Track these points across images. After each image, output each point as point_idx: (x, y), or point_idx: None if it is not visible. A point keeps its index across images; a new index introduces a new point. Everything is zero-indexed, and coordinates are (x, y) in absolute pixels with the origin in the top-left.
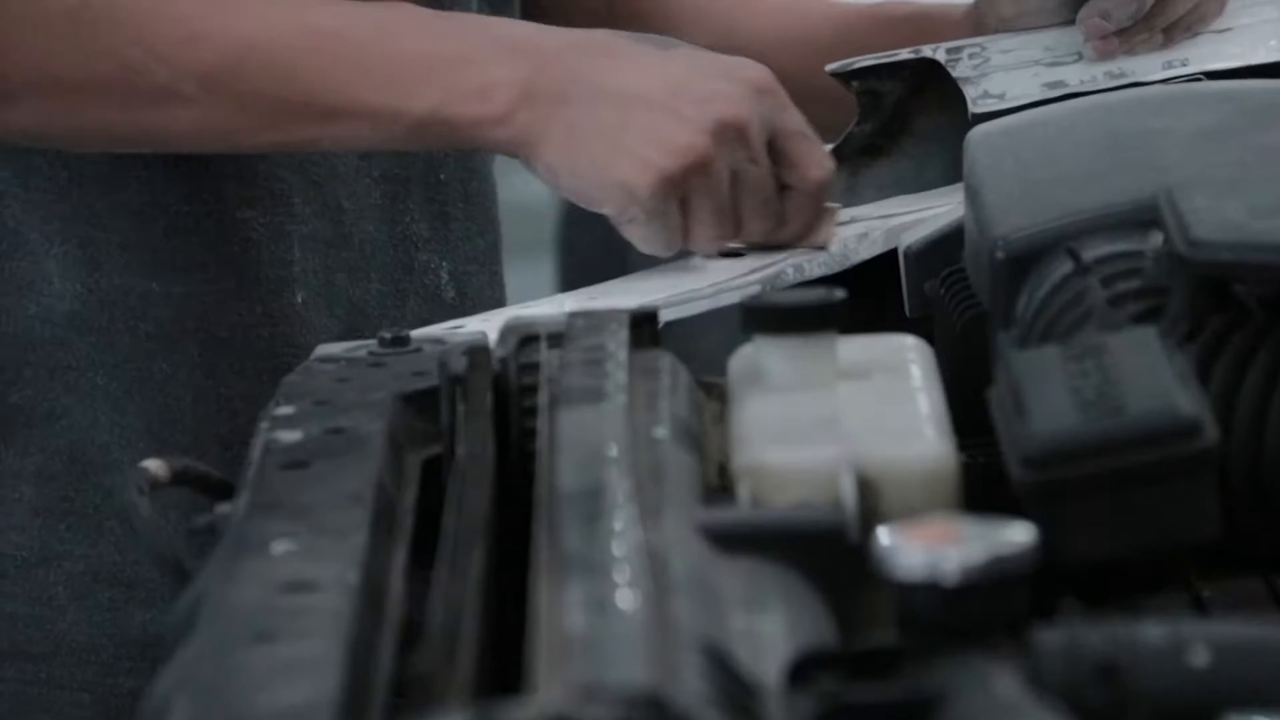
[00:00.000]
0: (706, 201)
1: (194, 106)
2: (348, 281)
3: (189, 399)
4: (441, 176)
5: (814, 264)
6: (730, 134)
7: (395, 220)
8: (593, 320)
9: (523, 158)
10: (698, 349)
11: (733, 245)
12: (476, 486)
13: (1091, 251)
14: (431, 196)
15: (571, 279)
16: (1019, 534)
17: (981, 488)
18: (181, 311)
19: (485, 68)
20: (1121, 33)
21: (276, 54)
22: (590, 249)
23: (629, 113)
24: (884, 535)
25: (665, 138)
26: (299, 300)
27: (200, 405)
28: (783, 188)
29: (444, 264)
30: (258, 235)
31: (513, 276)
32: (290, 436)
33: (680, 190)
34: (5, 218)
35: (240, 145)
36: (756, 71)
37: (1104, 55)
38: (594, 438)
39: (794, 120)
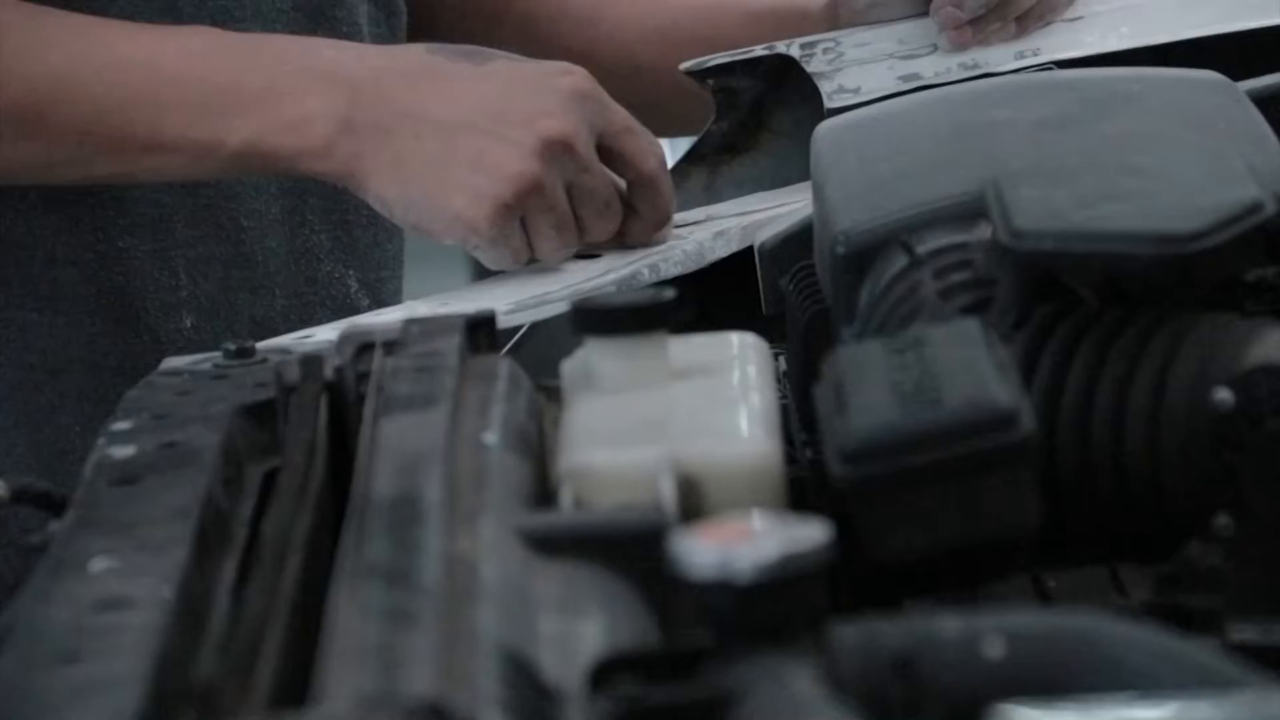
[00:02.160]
0: (546, 218)
1: (4, 143)
2: (250, 300)
3: (77, 428)
4: (340, 185)
5: (670, 263)
6: (558, 150)
7: (295, 233)
8: (428, 327)
9: (353, 188)
10: (566, 352)
11: (589, 249)
12: (293, 497)
13: (926, 244)
14: (331, 206)
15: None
16: (814, 531)
17: (825, 486)
18: (65, 342)
19: (299, 98)
20: (975, 22)
21: (85, 89)
22: None
23: (454, 142)
24: (679, 535)
25: (494, 165)
26: (188, 324)
27: (89, 435)
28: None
29: (351, 273)
30: (139, 262)
31: (426, 280)
32: (123, 452)
33: (518, 213)
34: None
35: (57, 180)
36: (574, 78)
37: (958, 45)
38: (414, 445)
39: (618, 118)
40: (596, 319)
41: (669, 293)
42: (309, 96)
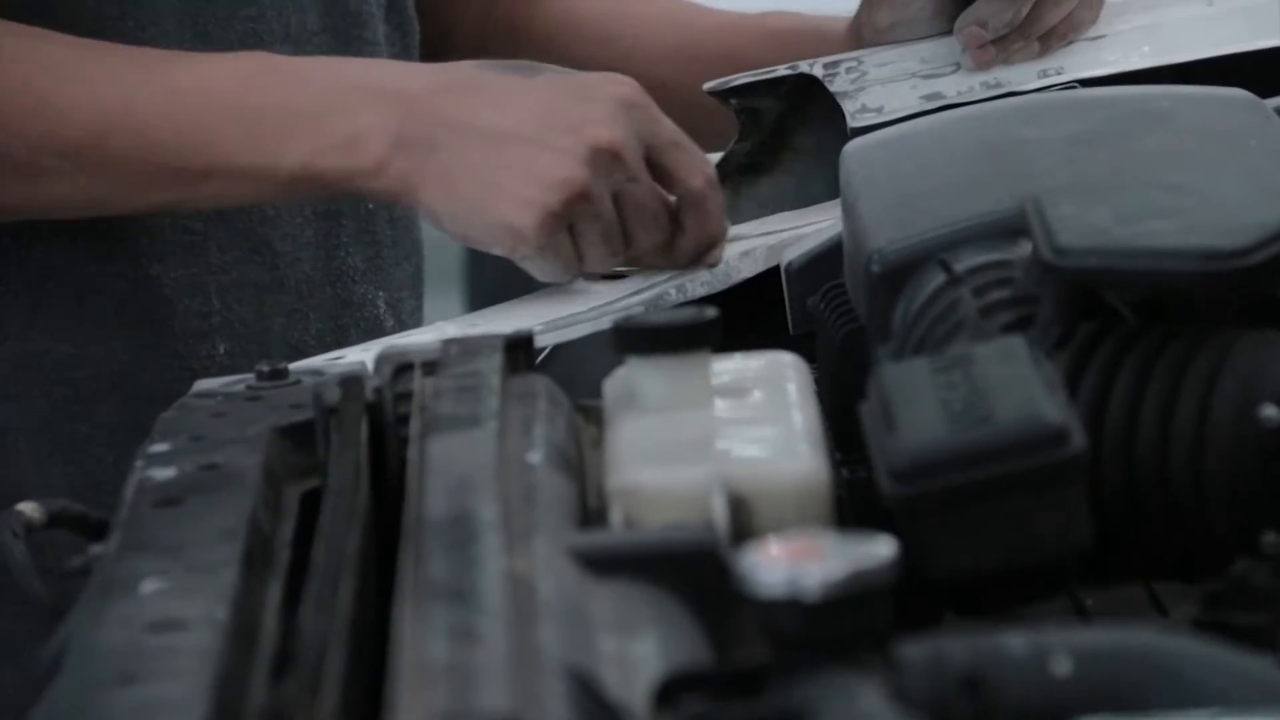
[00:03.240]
0: (594, 227)
1: (60, 179)
2: (284, 324)
3: (111, 459)
4: (370, 206)
5: (696, 283)
6: (605, 158)
7: (331, 256)
8: (467, 347)
9: (405, 204)
10: (589, 373)
11: (617, 268)
12: (344, 518)
13: (964, 262)
14: (364, 227)
15: (481, 306)
16: (881, 548)
17: (863, 503)
18: (99, 372)
19: (352, 118)
20: (998, 41)
21: (139, 120)
22: (498, 275)
23: (502, 151)
24: (745, 553)
25: (542, 173)
26: (221, 351)
27: (124, 465)
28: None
29: (380, 293)
30: (171, 290)
31: (426, 306)
32: (164, 474)
33: (566, 221)
34: None
35: (114, 210)
36: (623, 87)
37: (981, 65)
38: (463, 465)
39: (667, 131)
40: (640, 338)
41: (711, 311)
42: (360, 114)
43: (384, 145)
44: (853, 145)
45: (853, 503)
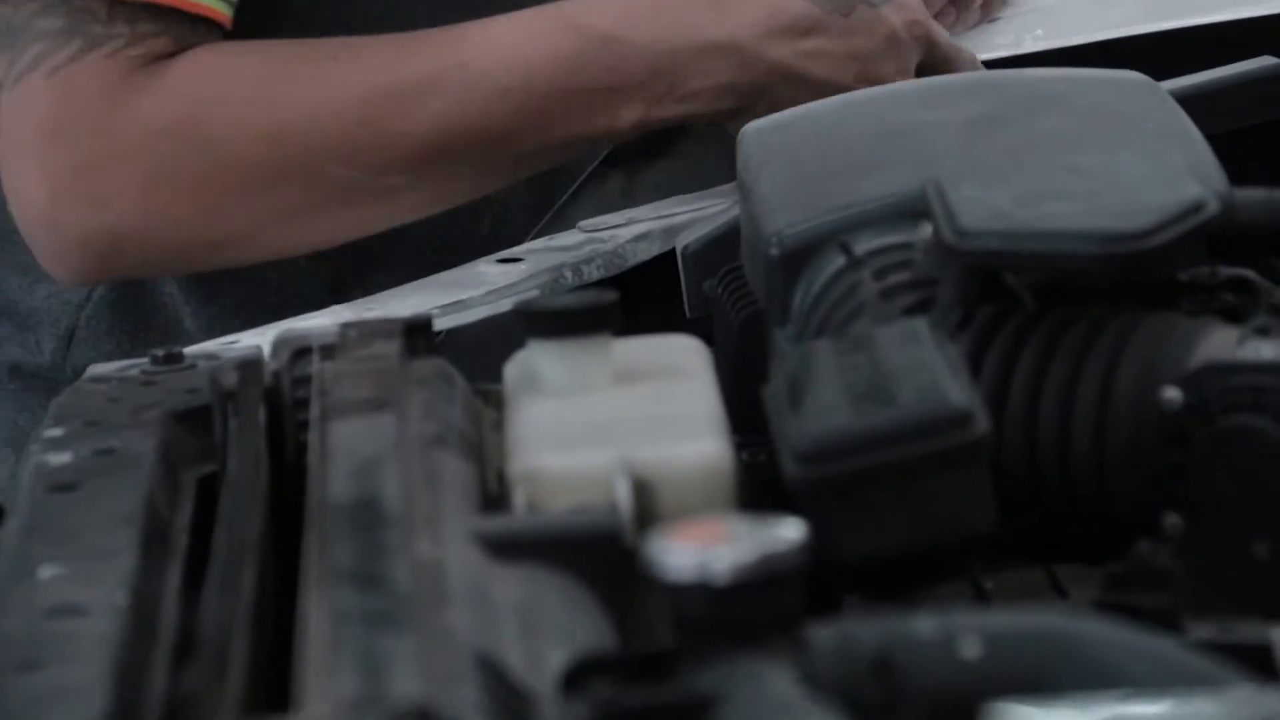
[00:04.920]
0: None
1: (410, 191)
2: None
3: None
4: None
5: (592, 267)
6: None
7: None
8: (365, 330)
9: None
10: (488, 358)
11: (511, 252)
12: (246, 502)
13: (863, 245)
14: None
15: None
16: (789, 531)
17: (762, 486)
18: None
19: (682, 79)
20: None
21: (472, 122)
22: None
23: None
24: (653, 536)
25: None
26: None
27: None
28: None
29: None
30: None
31: None
32: (59, 459)
33: None
34: None
35: (461, 201)
36: (918, 27)
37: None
38: (366, 448)
39: (947, 47)
40: (542, 321)
41: (612, 294)
42: (690, 77)
43: (716, 95)
44: (750, 127)
45: (753, 486)
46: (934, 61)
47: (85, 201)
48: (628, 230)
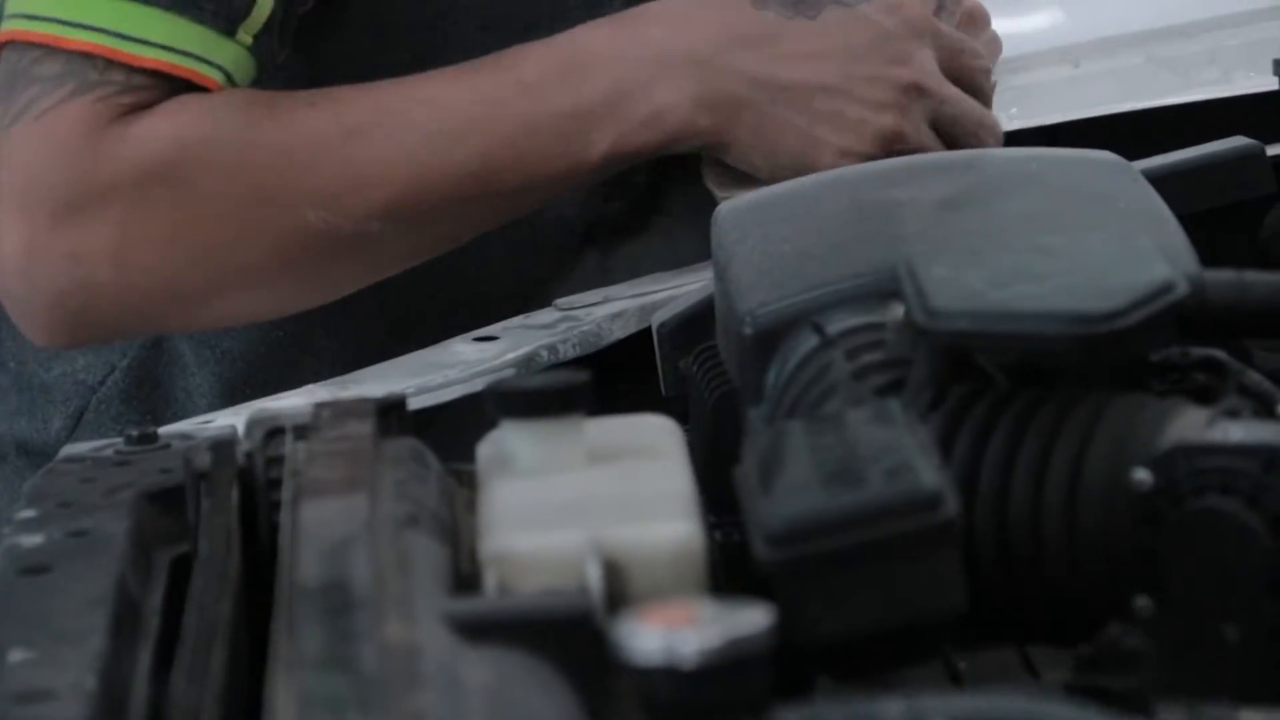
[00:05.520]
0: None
1: (389, 240)
2: None
3: None
4: None
5: (568, 345)
6: (912, 94)
7: None
8: (339, 410)
9: (718, 155)
10: (462, 436)
11: (486, 331)
12: (215, 584)
13: (836, 325)
14: None
15: None
16: (757, 615)
17: (736, 566)
18: None
19: (647, 95)
20: None
21: (445, 161)
22: None
23: (810, 105)
24: (621, 619)
25: (856, 123)
26: None
27: None
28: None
29: None
30: None
31: None
32: (31, 541)
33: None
34: None
35: (441, 251)
36: (903, 12)
37: None
38: (336, 530)
39: (952, 40)
40: (514, 402)
41: (584, 375)
42: (655, 90)
43: (687, 111)
44: (724, 207)
45: (727, 566)
46: (941, 58)
47: (60, 254)
48: (604, 309)
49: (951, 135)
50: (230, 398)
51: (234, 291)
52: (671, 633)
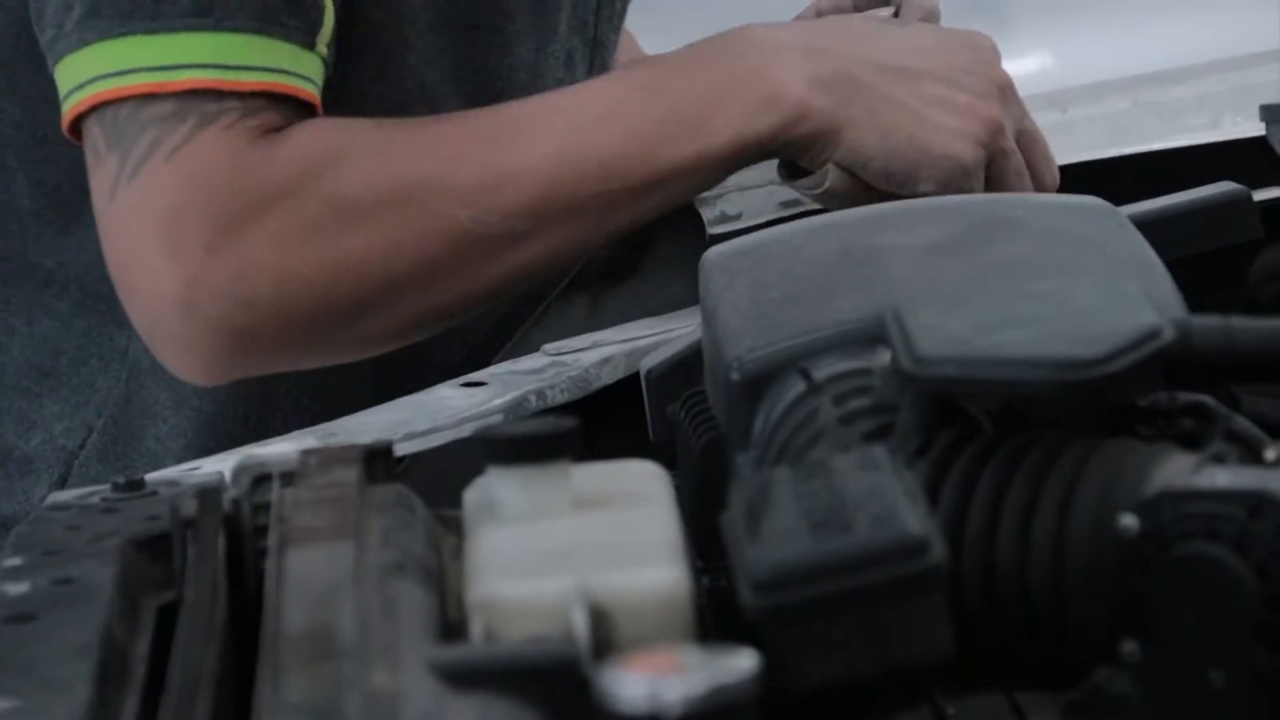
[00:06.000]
0: (1010, 163)
1: (531, 239)
2: None
3: None
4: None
5: (556, 391)
6: (1008, 96)
7: None
8: (326, 457)
9: (822, 144)
10: (450, 483)
11: (475, 376)
12: (201, 632)
13: (823, 370)
14: None
15: None
16: (742, 661)
17: (724, 611)
18: None
19: (764, 77)
20: None
21: (579, 154)
22: None
23: (922, 88)
24: (606, 667)
25: (965, 108)
26: None
27: None
28: None
29: None
30: None
31: None
32: (17, 589)
33: (988, 155)
34: None
35: (577, 255)
36: (981, 36)
37: None
38: (321, 578)
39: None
40: (501, 448)
41: (570, 421)
42: (771, 71)
43: (803, 90)
44: (712, 252)
45: (715, 612)
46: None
47: (222, 278)
48: (592, 354)
49: (1029, 150)
50: (204, 448)
51: (388, 303)
52: (656, 680)
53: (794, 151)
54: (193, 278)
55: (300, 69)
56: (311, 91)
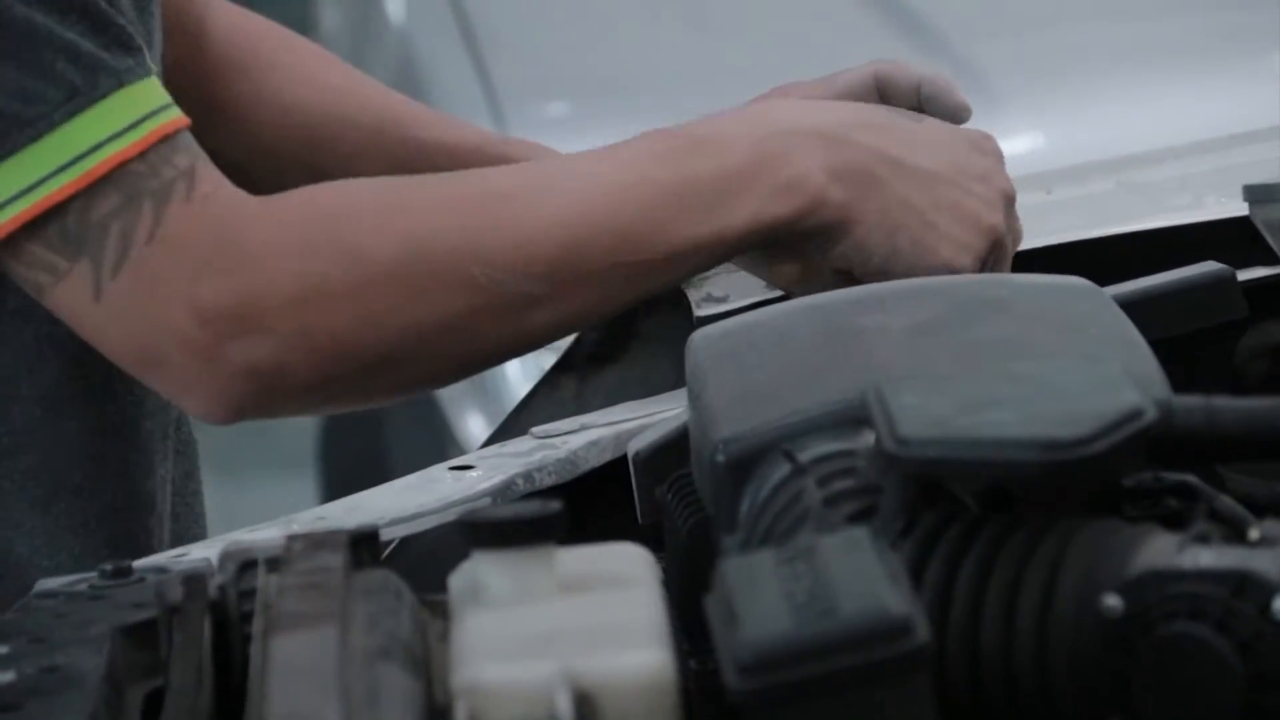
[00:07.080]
0: (1002, 269)
1: (544, 305)
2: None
3: None
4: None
5: (544, 473)
6: (1010, 204)
7: None
8: (312, 542)
9: (831, 238)
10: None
11: (463, 459)
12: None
13: (808, 452)
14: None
15: (334, 493)
16: None
17: (711, 694)
18: None
19: (786, 161)
20: None
21: (599, 221)
22: (351, 462)
23: (934, 192)
24: None
25: (970, 217)
26: None
27: None
28: None
29: None
30: None
31: (274, 490)
32: (3, 678)
33: (985, 264)
34: None
35: (583, 325)
36: (991, 141)
37: None
38: (306, 664)
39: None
40: (485, 532)
41: (555, 505)
42: (793, 156)
43: (823, 179)
44: (698, 335)
45: (702, 694)
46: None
47: (247, 331)
48: (580, 437)
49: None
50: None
51: (408, 358)
52: None
53: (799, 238)
54: (219, 334)
55: (165, 96)
56: (180, 114)
